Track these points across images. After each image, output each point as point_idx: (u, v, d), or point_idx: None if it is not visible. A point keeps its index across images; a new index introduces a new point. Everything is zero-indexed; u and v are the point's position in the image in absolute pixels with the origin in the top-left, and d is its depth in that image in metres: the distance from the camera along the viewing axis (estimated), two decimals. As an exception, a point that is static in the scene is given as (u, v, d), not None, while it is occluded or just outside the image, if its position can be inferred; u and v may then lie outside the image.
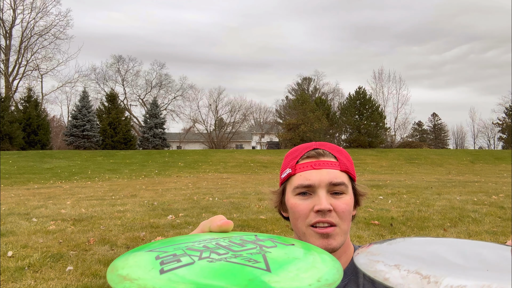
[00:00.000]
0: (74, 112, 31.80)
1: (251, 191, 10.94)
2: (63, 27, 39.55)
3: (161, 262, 0.45)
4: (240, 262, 0.44)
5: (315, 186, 0.90)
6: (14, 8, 37.00)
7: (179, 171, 20.20)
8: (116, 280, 0.42)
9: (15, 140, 27.31)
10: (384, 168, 22.83)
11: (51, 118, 44.45)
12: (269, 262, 0.44)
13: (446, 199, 8.95)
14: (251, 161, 24.78)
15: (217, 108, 49.45)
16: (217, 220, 0.57)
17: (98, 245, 5.19)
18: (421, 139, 52.99)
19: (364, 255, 0.52)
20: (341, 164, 0.94)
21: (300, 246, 0.53)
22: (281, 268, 0.43)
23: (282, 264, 0.44)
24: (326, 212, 0.88)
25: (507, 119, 46.24)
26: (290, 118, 37.24)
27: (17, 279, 3.95)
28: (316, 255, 0.49)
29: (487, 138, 54.00)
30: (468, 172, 20.47)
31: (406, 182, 13.76)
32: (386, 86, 58.79)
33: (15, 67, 37.68)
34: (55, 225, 6.38)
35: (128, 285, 0.40)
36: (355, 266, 0.94)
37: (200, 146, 48.11)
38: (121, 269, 0.45)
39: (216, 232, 0.57)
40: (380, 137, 38.70)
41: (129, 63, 53.27)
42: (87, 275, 4.09)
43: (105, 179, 16.69)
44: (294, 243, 0.54)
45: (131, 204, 8.63)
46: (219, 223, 0.56)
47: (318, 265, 0.46)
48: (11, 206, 8.41)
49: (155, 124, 34.69)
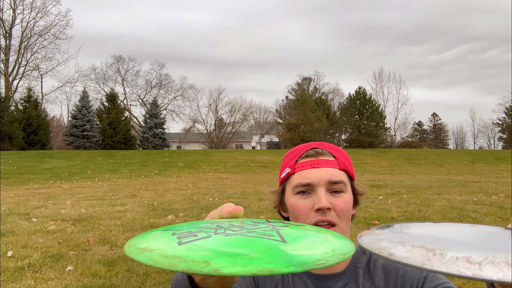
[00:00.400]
0: (74, 112, 31.79)
1: (251, 191, 10.94)
2: (63, 27, 39.59)
3: (178, 237, 0.46)
4: (256, 235, 0.46)
5: (314, 185, 0.91)
6: (14, 8, 37.01)
7: (179, 171, 20.20)
8: (135, 251, 0.43)
9: (15, 140, 27.31)
10: (384, 168, 22.83)
11: (51, 118, 44.46)
12: (284, 236, 0.46)
13: (446, 199, 8.95)
14: (251, 161, 24.78)
15: (217, 108, 49.50)
16: (227, 206, 0.57)
17: (98, 245, 5.19)
18: (421, 139, 52.98)
19: (368, 235, 0.52)
20: (339, 162, 0.95)
21: (311, 227, 0.56)
22: (296, 241, 0.45)
23: (296, 237, 0.46)
24: (326, 210, 0.89)
25: (507, 119, 46.27)
26: (290, 118, 37.24)
27: (17, 279, 3.95)
28: (328, 233, 0.52)
29: (487, 138, 54.06)
30: (468, 172, 20.47)
31: (406, 182, 13.75)
32: (386, 86, 58.90)
33: (15, 67, 37.71)
34: (55, 225, 6.38)
35: (148, 254, 0.41)
36: (355, 266, 0.95)
37: (200, 145, 48.10)
38: (139, 243, 0.46)
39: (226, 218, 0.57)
40: (380, 137, 38.70)
41: (129, 63, 53.33)
42: (87, 275, 4.09)
43: (105, 179, 16.69)
44: (304, 225, 0.57)
45: (131, 204, 8.63)
46: (230, 209, 0.56)
47: (330, 239, 0.48)
48: (11, 206, 8.41)
49: (155, 124, 34.68)
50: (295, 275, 0.96)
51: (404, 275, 0.91)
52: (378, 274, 0.94)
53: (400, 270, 0.92)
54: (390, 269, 0.94)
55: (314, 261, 0.40)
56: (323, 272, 0.95)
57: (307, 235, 0.48)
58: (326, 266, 0.40)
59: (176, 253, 0.40)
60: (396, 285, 0.91)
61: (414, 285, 0.88)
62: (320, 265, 0.39)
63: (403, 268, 0.92)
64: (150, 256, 0.41)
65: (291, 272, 0.37)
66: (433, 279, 0.88)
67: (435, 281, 0.87)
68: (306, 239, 0.46)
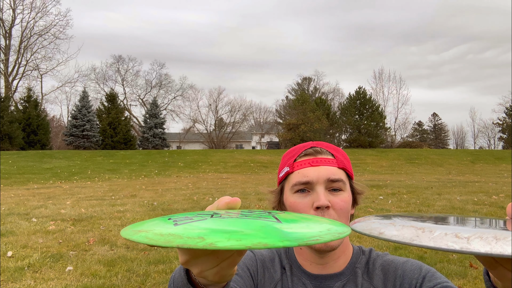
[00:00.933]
0: (74, 112, 31.78)
1: (251, 191, 10.94)
2: (63, 27, 39.60)
3: (174, 220, 0.47)
4: (251, 218, 0.46)
5: (313, 183, 0.91)
6: (13, 8, 37.00)
7: (179, 171, 20.19)
8: (131, 233, 0.44)
9: (15, 140, 27.30)
10: (384, 168, 22.82)
11: (51, 118, 44.47)
12: (280, 218, 0.48)
13: (446, 199, 8.95)
14: (251, 161, 24.77)
15: (217, 108, 49.48)
16: (224, 199, 0.56)
17: (98, 245, 5.19)
18: (421, 139, 52.97)
19: (361, 222, 0.53)
20: (338, 161, 0.95)
21: (309, 215, 0.57)
22: (291, 222, 0.46)
23: (292, 220, 0.48)
24: (325, 208, 0.88)
25: (507, 119, 46.25)
26: (290, 118, 37.20)
27: (16, 279, 3.95)
28: (323, 219, 0.53)
29: (488, 138, 54.05)
30: (469, 172, 20.47)
31: (406, 182, 13.75)
32: (386, 86, 58.95)
33: (15, 67, 37.69)
34: (55, 225, 6.38)
35: (144, 234, 0.42)
36: (354, 266, 0.95)
37: (200, 146, 48.08)
38: (135, 227, 0.47)
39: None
40: (380, 137, 38.69)
41: (128, 63, 53.37)
42: (86, 275, 4.08)
43: (105, 179, 16.68)
44: (302, 214, 0.59)
45: (131, 204, 8.63)
46: (227, 201, 0.56)
47: (326, 222, 0.49)
48: (11, 206, 8.40)
49: (155, 124, 34.68)
50: (294, 275, 0.96)
51: (402, 274, 0.90)
52: (376, 274, 0.93)
53: (399, 270, 0.91)
54: (388, 269, 0.93)
55: (308, 237, 0.40)
56: (321, 273, 0.94)
57: (303, 219, 0.49)
58: (321, 243, 0.41)
59: (171, 231, 0.41)
60: (395, 285, 0.90)
61: (412, 284, 0.88)
62: (315, 241, 0.40)
63: (402, 267, 0.91)
64: (145, 235, 0.42)
65: (285, 246, 0.38)
66: (432, 278, 0.87)
67: (434, 280, 0.86)
68: (302, 222, 0.47)
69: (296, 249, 0.99)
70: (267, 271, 0.97)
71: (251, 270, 0.96)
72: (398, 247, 4.94)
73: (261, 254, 1.01)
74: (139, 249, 5.03)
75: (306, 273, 0.95)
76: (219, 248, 0.37)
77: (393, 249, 4.88)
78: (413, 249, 4.88)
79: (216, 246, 0.37)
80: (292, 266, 0.98)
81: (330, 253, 0.93)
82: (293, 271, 0.97)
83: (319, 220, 0.50)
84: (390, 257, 0.96)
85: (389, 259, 0.95)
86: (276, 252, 1.02)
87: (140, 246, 5.17)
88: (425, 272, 0.88)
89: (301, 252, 0.98)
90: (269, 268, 0.98)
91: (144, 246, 5.16)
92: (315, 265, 0.95)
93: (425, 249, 4.83)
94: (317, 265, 0.95)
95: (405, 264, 0.92)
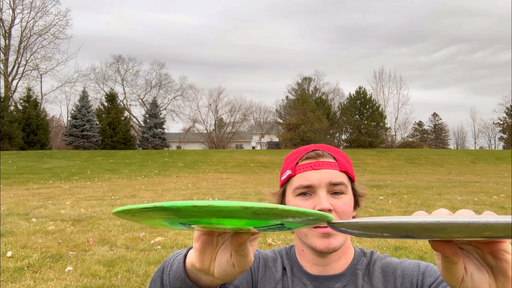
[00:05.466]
0: (73, 112, 31.79)
1: (251, 191, 10.93)
2: (63, 26, 39.60)
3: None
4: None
5: (315, 186, 0.91)
6: (13, 8, 36.99)
7: (178, 171, 20.19)
8: (121, 208, 0.46)
9: (15, 140, 27.29)
10: (384, 168, 22.82)
11: (51, 118, 44.48)
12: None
13: (446, 199, 8.95)
14: (251, 161, 24.76)
15: (217, 108, 49.49)
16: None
17: (98, 246, 5.18)
18: (422, 139, 52.97)
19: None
20: (340, 164, 0.95)
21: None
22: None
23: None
24: (326, 211, 0.88)
25: (508, 119, 46.28)
26: (290, 118, 37.20)
27: (16, 279, 3.94)
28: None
29: (488, 138, 54.05)
30: (469, 172, 20.47)
31: (407, 182, 13.75)
32: (386, 86, 59.04)
33: (15, 67, 37.69)
34: (55, 225, 6.37)
35: (134, 205, 0.44)
36: (355, 268, 0.96)
37: (200, 146, 48.09)
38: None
39: None
40: (380, 137, 38.69)
41: (128, 63, 53.33)
42: (86, 275, 4.07)
43: (105, 179, 16.67)
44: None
45: (131, 204, 8.61)
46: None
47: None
48: (11, 206, 8.39)
49: (154, 124, 34.68)
50: (294, 276, 0.97)
51: (402, 274, 0.91)
52: (376, 275, 0.94)
53: (398, 270, 0.92)
54: (387, 270, 0.94)
55: (297, 209, 0.45)
56: (322, 274, 0.95)
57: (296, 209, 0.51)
58: (306, 212, 0.46)
59: (163, 204, 0.43)
60: (396, 285, 0.91)
61: (414, 282, 0.88)
62: (302, 212, 0.46)
63: (401, 267, 0.92)
64: (135, 206, 0.44)
65: (269, 207, 0.42)
66: (432, 273, 0.87)
67: (434, 274, 0.86)
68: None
69: (298, 250, 1.00)
70: (268, 270, 0.99)
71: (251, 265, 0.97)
72: (398, 247, 4.93)
73: (265, 253, 1.03)
74: (139, 249, 5.03)
75: (306, 273, 0.96)
76: (216, 207, 0.40)
77: (393, 249, 4.87)
78: (413, 249, 4.87)
79: (213, 205, 0.40)
80: (293, 266, 0.99)
81: (331, 254, 0.94)
82: (294, 271, 0.98)
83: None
84: (389, 258, 0.98)
85: (388, 260, 0.97)
86: (278, 253, 1.03)
87: (140, 246, 5.16)
88: (423, 268, 0.89)
89: (302, 253, 0.98)
90: (271, 267, 0.99)
91: (144, 246, 5.15)
92: (316, 266, 0.96)
93: (425, 249, 4.82)
94: (318, 266, 0.96)
95: (402, 263, 0.94)
